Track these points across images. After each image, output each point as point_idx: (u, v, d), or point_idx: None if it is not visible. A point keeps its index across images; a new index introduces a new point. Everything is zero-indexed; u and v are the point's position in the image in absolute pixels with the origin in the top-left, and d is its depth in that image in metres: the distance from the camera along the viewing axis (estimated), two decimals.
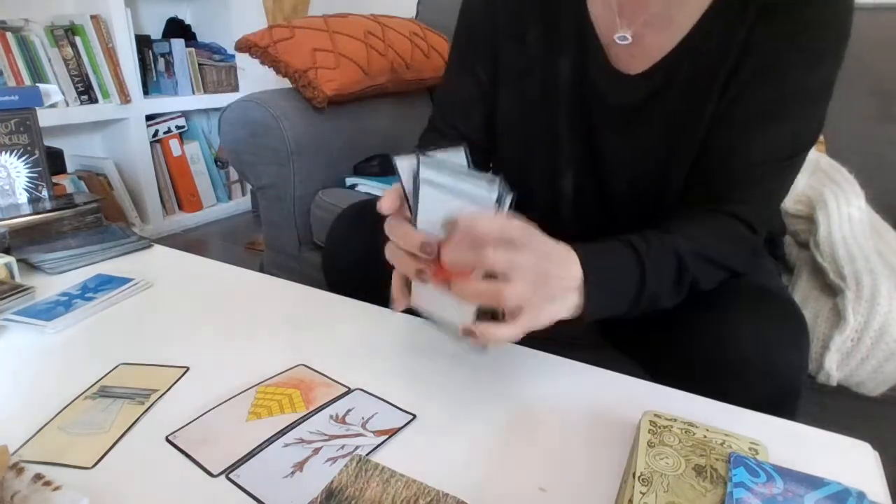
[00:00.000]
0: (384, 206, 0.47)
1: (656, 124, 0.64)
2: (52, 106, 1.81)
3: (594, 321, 0.50)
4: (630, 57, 0.64)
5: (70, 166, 2.06)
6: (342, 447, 0.45)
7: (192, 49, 2.35)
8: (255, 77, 2.23)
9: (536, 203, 0.72)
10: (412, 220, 0.47)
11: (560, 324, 0.47)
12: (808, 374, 0.73)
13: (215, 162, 2.54)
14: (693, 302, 0.57)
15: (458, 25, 0.76)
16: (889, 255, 0.78)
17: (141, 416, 0.49)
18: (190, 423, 0.47)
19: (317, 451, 0.44)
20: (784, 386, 0.54)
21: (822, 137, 1.08)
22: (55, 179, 1.56)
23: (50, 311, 0.65)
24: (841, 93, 0.60)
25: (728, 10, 0.58)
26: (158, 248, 0.89)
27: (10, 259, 0.74)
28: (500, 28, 0.70)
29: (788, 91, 0.58)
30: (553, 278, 0.47)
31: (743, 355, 0.54)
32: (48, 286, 0.73)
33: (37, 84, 1.73)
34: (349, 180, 1.30)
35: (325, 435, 0.46)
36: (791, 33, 0.56)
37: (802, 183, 0.93)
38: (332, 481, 0.37)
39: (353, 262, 0.73)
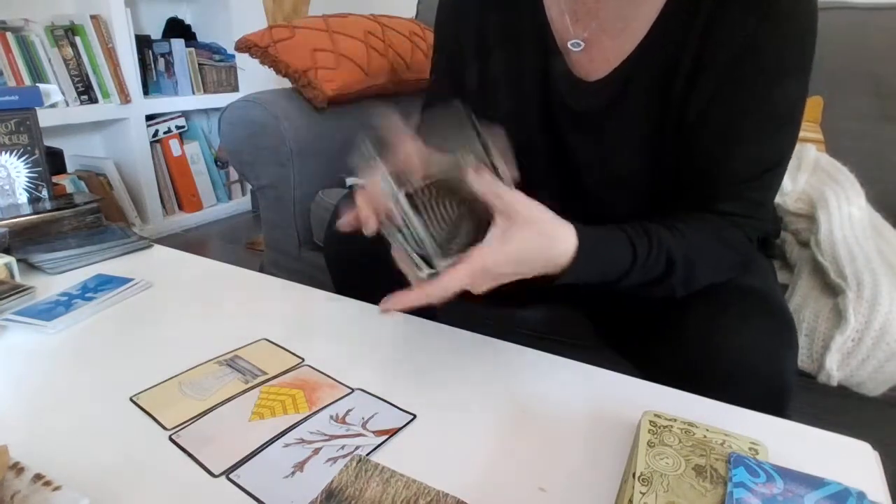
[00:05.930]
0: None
1: (621, 130, 0.63)
2: (52, 106, 1.81)
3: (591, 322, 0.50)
4: (590, 62, 0.63)
5: (70, 166, 2.06)
6: (342, 447, 0.45)
7: (192, 49, 2.35)
8: (255, 77, 2.23)
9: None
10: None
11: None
12: (809, 374, 0.73)
13: (215, 162, 2.54)
14: (681, 303, 0.57)
15: (434, 36, 0.77)
16: (890, 255, 0.78)
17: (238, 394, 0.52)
18: (193, 422, 0.47)
19: (317, 451, 0.44)
20: (772, 385, 0.54)
21: (821, 137, 1.08)
22: (55, 179, 1.55)
23: (50, 311, 0.65)
24: (841, 93, 0.59)
25: (681, 12, 0.57)
26: (158, 248, 0.89)
27: (10, 259, 0.74)
28: (466, 48, 0.71)
29: (751, 111, 0.56)
30: (530, 272, 0.49)
31: (729, 356, 0.54)
32: (48, 286, 0.73)
33: (37, 84, 1.73)
34: (349, 180, 1.30)
35: (326, 435, 0.46)
36: (748, 41, 0.54)
37: (803, 181, 0.92)
38: (332, 481, 0.37)
39: (355, 249, 0.72)
